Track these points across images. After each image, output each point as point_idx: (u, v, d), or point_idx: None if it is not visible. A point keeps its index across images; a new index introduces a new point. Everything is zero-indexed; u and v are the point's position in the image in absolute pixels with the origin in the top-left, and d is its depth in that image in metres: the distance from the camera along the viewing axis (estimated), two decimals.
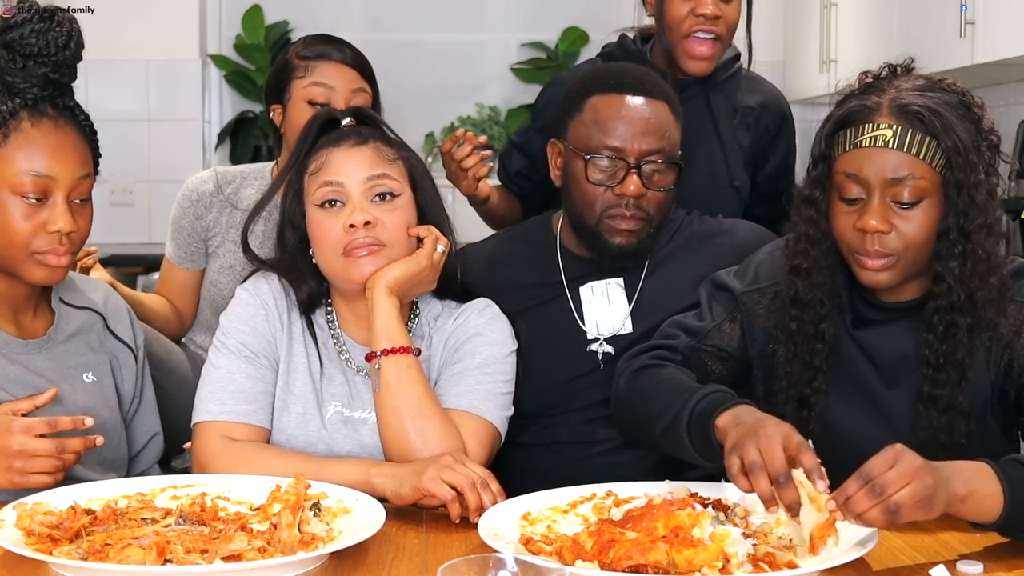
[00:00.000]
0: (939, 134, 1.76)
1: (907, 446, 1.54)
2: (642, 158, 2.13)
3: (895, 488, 1.49)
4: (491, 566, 1.26)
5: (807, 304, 1.88)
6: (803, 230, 1.89)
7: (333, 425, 1.96)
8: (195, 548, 1.53)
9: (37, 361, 1.93)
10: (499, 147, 5.25)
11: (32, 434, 1.73)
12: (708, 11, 2.49)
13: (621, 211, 2.15)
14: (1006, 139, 3.67)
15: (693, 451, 1.81)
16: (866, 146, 1.78)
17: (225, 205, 2.66)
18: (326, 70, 2.59)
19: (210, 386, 1.95)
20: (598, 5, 5.25)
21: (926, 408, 1.82)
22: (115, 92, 5.01)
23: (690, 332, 2.01)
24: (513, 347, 2.04)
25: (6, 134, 1.83)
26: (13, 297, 1.92)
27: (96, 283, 2.12)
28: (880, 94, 1.81)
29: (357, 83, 2.60)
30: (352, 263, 1.93)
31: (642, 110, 2.15)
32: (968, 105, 1.82)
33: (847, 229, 1.81)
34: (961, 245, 1.78)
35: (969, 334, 1.80)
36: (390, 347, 1.91)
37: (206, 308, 2.71)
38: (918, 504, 1.50)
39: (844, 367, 1.90)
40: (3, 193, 1.83)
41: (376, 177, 1.94)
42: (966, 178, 1.76)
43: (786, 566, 1.51)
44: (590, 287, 2.25)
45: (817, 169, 1.86)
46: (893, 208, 1.78)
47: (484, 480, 1.75)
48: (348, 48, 2.64)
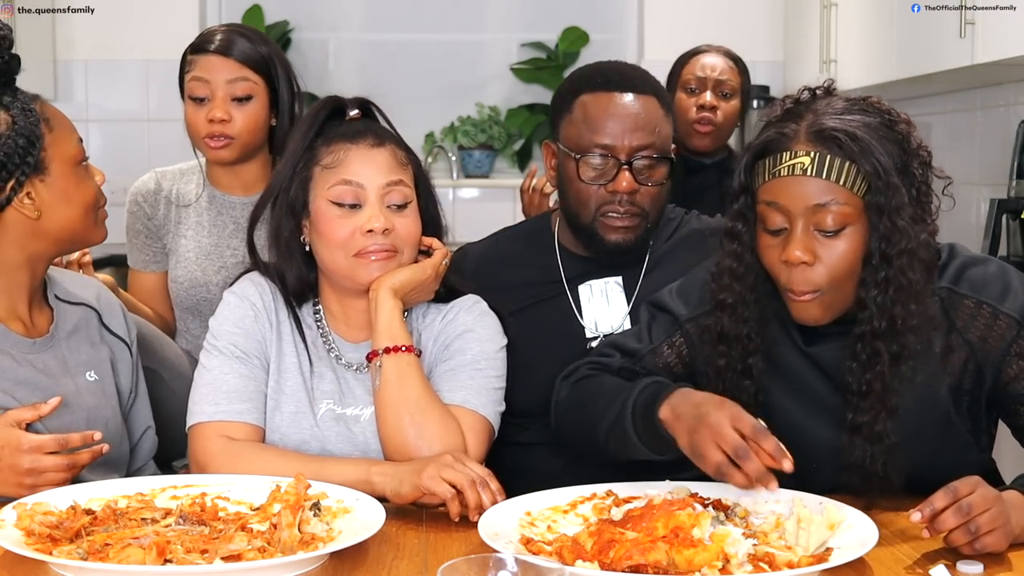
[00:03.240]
0: (857, 158, 1.70)
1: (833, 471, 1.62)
2: (633, 154, 2.14)
3: (979, 510, 1.55)
4: (491, 566, 1.26)
5: (734, 339, 1.84)
6: (727, 264, 1.84)
7: (325, 423, 1.97)
8: (195, 548, 1.53)
9: (45, 359, 1.93)
10: (499, 147, 5.27)
11: (43, 452, 1.74)
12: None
13: (615, 208, 2.15)
14: (1006, 139, 3.70)
15: (643, 447, 1.81)
16: (785, 175, 1.73)
17: (170, 203, 2.69)
18: (203, 63, 2.58)
19: (203, 388, 1.95)
20: (598, 5, 5.25)
21: (849, 436, 1.78)
22: (115, 92, 5.02)
23: (625, 353, 1.99)
24: (503, 342, 2.04)
25: (47, 120, 1.87)
26: (30, 290, 1.93)
27: (86, 279, 2.13)
28: (798, 120, 1.76)
29: (235, 73, 2.55)
30: (364, 266, 1.93)
31: (630, 106, 2.15)
32: (891, 124, 1.76)
33: (775, 263, 1.76)
34: (884, 271, 1.72)
35: (894, 362, 1.75)
36: (392, 345, 1.92)
37: (175, 310, 2.72)
38: (996, 531, 1.56)
39: (799, 383, 1.87)
40: (70, 170, 1.90)
41: (393, 184, 1.95)
42: (887, 202, 1.70)
43: (786, 566, 1.51)
44: (589, 286, 2.25)
45: (739, 201, 1.81)
46: (816, 237, 1.73)
47: (484, 479, 1.75)
48: (236, 36, 2.58)
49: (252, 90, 2.56)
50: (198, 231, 2.66)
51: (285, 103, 2.59)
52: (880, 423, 1.76)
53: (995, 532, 1.56)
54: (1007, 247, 3.50)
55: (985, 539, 1.56)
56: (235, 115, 2.55)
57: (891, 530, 1.68)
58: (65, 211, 1.90)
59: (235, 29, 2.64)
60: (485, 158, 5.24)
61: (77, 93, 4.99)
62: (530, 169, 2.97)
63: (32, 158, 1.84)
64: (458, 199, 5.27)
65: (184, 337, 2.69)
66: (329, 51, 5.32)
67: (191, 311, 2.66)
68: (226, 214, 2.65)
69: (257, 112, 2.58)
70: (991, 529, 1.56)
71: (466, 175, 5.26)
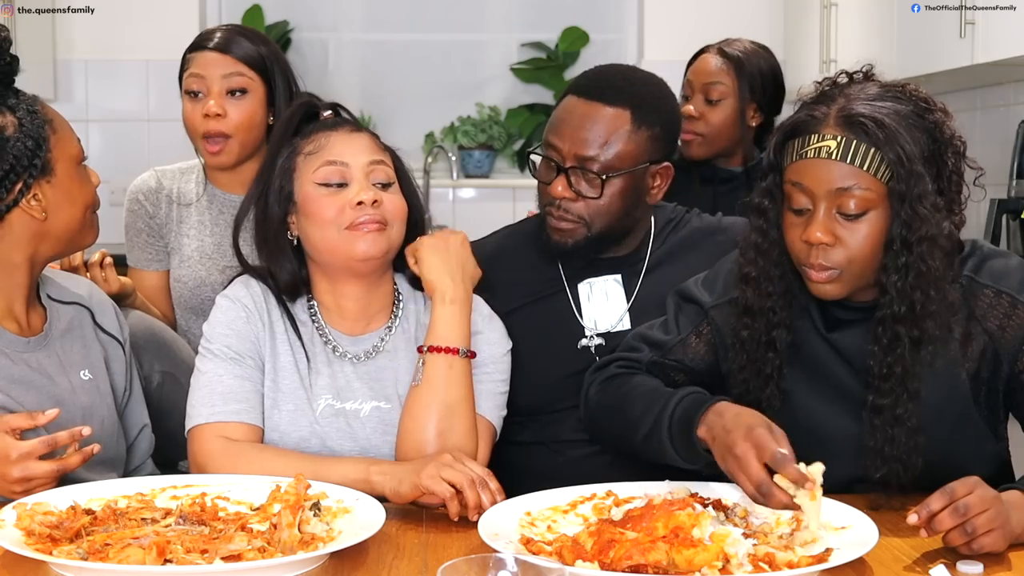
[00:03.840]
0: (882, 145, 1.73)
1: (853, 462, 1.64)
2: (576, 162, 2.13)
3: (976, 511, 1.56)
4: (491, 566, 1.26)
5: (758, 313, 1.88)
6: (753, 239, 1.88)
7: (325, 419, 1.97)
8: (195, 548, 1.53)
9: (40, 358, 1.93)
10: (499, 147, 5.26)
11: (32, 458, 1.73)
12: None
13: (552, 209, 2.16)
14: (1006, 139, 3.70)
15: (679, 458, 1.84)
16: (811, 157, 1.77)
17: (171, 202, 2.69)
18: (199, 60, 2.59)
19: (200, 391, 1.96)
20: (598, 5, 5.24)
21: (869, 418, 1.81)
22: (115, 92, 5.02)
23: (654, 345, 2.01)
24: (508, 346, 2.06)
25: (50, 120, 1.88)
26: (24, 290, 1.93)
27: (77, 278, 2.13)
28: (829, 104, 1.79)
29: (230, 68, 2.57)
30: (358, 237, 1.94)
31: (588, 115, 2.13)
32: (923, 113, 1.78)
33: (796, 241, 1.80)
34: (904, 257, 1.75)
35: (914, 346, 1.77)
36: (438, 345, 1.94)
37: (178, 310, 2.72)
38: (994, 531, 1.56)
39: (820, 370, 1.89)
40: (74, 170, 1.91)
41: (376, 163, 1.98)
42: (909, 190, 1.73)
43: (786, 566, 1.51)
44: (588, 284, 2.25)
45: (767, 179, 1.86)
46: (838, 220, 1.76)
47: (483, 478, 1.76)
48: (233, 35, 2.60)
49: (247, 84, 2.56)
50: (200, 231, 2.66)
51: (283, 102, 2.59)
52: (901, 406, 1.78)
53: (993, 533, 1.56)
54: (1007, 247, 3.50)
55: (983, 539, 1.56)
56: (229, 110, 2.55)
57: (891, 530, 1.69)
58: (69, 211, 1.91)
59: (234, 28, 2.65)
60: (485, 158, 5.24)
61: (77, 93, 4.98)
62: None
63: (39, 160, 1.85)
64: (458, 199, 5.27)
65: (186, 337, 2.68)
66: (329, 51, 5.32)
67: (194, 311, 2.66)
68: (227, 213, 2.65)
69: (252, 108, 2.58)
70: (989, 530, 1.56)
71: (466, 175, 5.26)
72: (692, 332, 2.00)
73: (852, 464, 1.82)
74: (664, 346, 2.00)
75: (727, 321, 1.94)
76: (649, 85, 2.22)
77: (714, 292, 1.99)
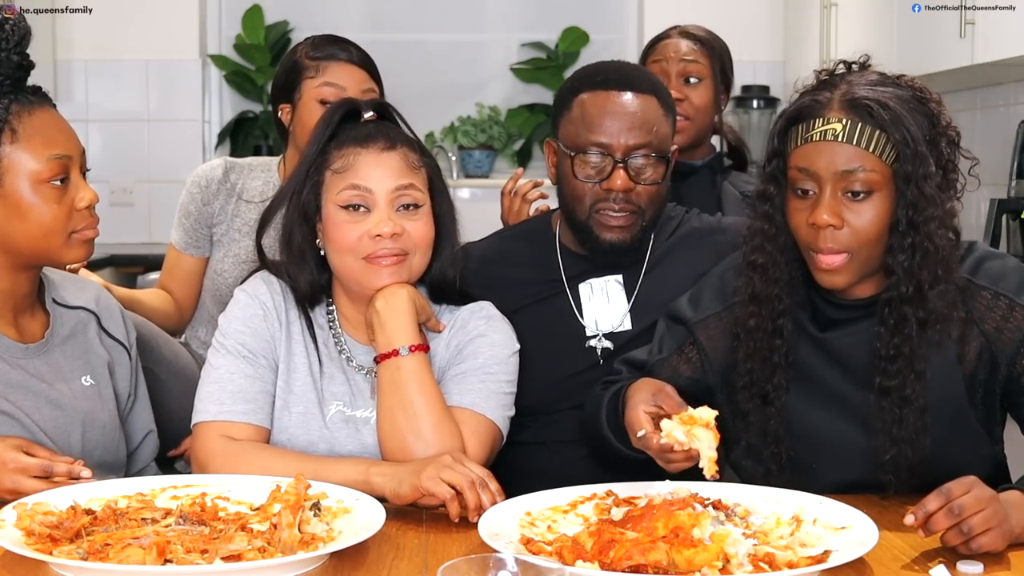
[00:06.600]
0: (888, 127, 1.76)
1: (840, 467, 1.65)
2: (629, 152, 2.14)
3: (971, 511, 1.55)
4: (491, 566, 1.26)
5: (764, 300, 1.89)
6: (758, 226, 1.90)
7: (335, 424, 1.96)
8: (195, 548, 1.53)
9: (37, 365, 1.93)
10: (499, 147, 5.26)
11: (27, 475, 1.75)
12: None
13: (610, 205, 2.16)
14: (1006, 139, 3.70)
15: (625, 449, 1.88)
16: (817, 140, 1.79)
17: (231, 194, 2.70)
18: (336, 70, 2.64)
19: (209, 386, 1.95)
20: (598, 5, 5.25)
21: (878, 397, 1.82)
22: (115, 92, 5.02)
23: (634, 366, 2.03)
24: (515, 348, 2.04)
25: (13, 130, 1.83)
26: (15, 297, 1.92)
27: (87, 282, 2.12)
28: (832, 89, 1.82)
29: (367, 83, 2.64)
30: (375, 271, 1.93)
31: (627, 105, 2.16)
32: (923, 100, 1.82)
33: (801, 225, 1.82)
34: (911, 237, 1.78)
35: (920, 327, 1.80)
36: (386, 351, 1.92)
37: (208, 300, 2.72)
38: (991, 531, 1.56)
39: (807, 370, 1.89)
40: (27, 187, 1.83)
41: (403, 188, 1.94)
42: (915, 170, 1.76)
43: (786, 566, 1.51)
44: (589, 284, 2.25)
45: (771, 165, 1.87)
46: (844, 202, 1.78)
47: (483, 479, 1.75)
48: (355, 49, 2.68)
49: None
50: (254, 230, 2.66)
51: None
52: (909, 386, 1.80)
53: (990, 532, 1.56)
54: (1007, 247, 3.50)
55: (980, 539, 1.56)
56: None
57: (891, 530, 1.68)
58: (20, 227, 1.84)
59: (349, 42, 2.71)
60: (485, 158, 5.24)
61: (77, 93, 4.98)
62: (515, 173, 2.88)
63: None
64: (458, 199, 5.23)
65: (207, 327, 2.68)
66: None
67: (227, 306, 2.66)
68: None
69: None
70: (986, 529, 1.56)
71: (466, 175, 5.26)
72: (675, 352, 2.01)
73: (839, 471, 1.83)
74: (644, 366, 2.02)
75: (711, 335, 1.96)
76: (651, 74, 2.27)
77: (698, 307, 2.00)
